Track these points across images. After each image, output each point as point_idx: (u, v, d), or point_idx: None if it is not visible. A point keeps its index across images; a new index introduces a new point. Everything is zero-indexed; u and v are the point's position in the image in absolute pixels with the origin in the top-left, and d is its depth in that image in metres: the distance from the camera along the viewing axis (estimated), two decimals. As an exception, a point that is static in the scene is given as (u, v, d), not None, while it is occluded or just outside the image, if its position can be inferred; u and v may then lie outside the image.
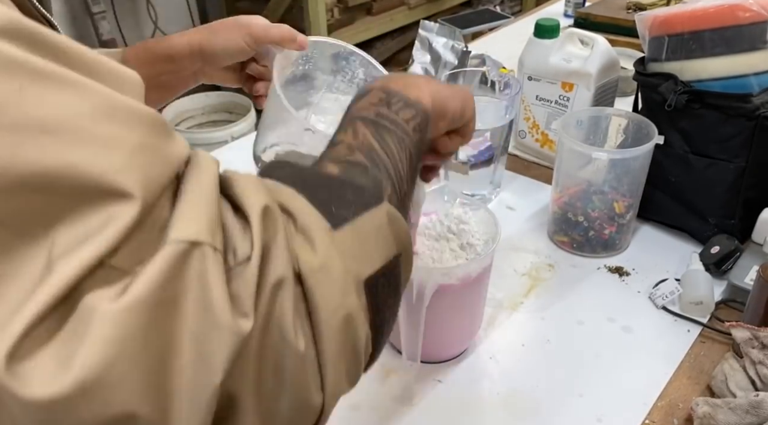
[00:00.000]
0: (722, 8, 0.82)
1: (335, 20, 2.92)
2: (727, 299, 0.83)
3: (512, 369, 0.76)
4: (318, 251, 0.35)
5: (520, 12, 3.37)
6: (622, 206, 0.90)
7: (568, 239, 0.94)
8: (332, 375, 0.35)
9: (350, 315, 0.35)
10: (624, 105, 1.04)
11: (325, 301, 0.34)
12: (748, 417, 0.63)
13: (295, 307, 0.33)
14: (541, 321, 0.83)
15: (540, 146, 1.13)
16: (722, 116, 0.84)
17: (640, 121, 0.90)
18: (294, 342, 0.32)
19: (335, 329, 0.34)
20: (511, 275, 0.90)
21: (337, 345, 0.34)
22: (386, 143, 0.45)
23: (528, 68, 1.08)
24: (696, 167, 0.88)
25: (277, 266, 0.32)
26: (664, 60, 0.87)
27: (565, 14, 1.73)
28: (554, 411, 0.71)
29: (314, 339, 0.34)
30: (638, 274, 0.89)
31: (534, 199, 1.05)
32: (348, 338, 0.35)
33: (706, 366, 0.75)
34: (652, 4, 1.58)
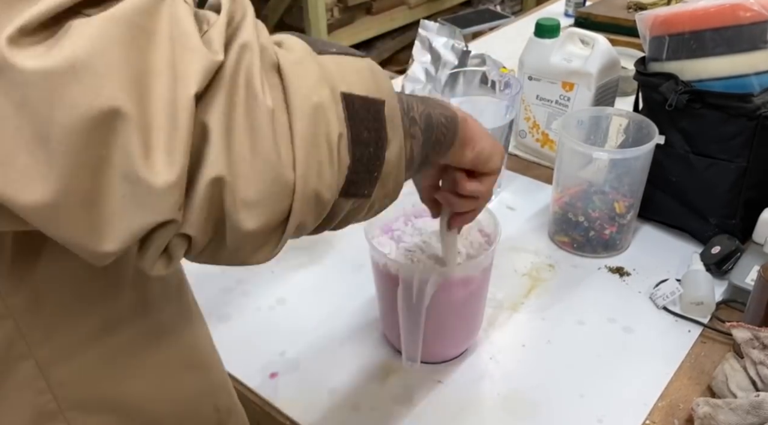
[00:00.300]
0: (723, 8, 0.82)
1: (335, 20, 2.92)
2: (728, 299, 0.83)
3: (513, 369, 0.76)
4: (296, 54, 0.38)
5: (521, 11, 3.37)
6: (622, 206, 0.90)
7: (568, 240, 0.94)
8: (304, 155, 0.36)
9: (322, 105, 0.37)
10: (625, 105, 1.04)
11: (299, 86, 0.37)
12: (749, 417, 0.62)
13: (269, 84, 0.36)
14: (542, 322, 0.83)
15: (540, 146, 1.13)
16: (723, 116, 0.83)
17: (641, 121, 0.90)
18: (260, 96, 0.35)
19: (308, 111, 0.37)
20: (511, 275, 0.90)
21: (309, 127, 0.37)
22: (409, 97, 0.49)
23: (528, 68, 1.08)
24: (697, 167, 0.88)
25: (245, 34, 0.36)
26: (665, 60, 0.87)
27: (566, 14, 1.73)
28: (555, 412, 0.71)
29: (288, 116, 0.36)
30: (639, 274, 0.89)
31: (534, 199, 1.05)
32: (320, 126, 0.37)
33: (706, 367, 0.75)
34: (653, 4, 1.57)
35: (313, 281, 0.91)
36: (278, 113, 0.36)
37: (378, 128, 0.42)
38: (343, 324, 0.83)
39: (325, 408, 0.72)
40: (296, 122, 0.36)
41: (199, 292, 0.88)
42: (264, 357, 0.78)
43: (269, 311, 0.86)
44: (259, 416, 0.74)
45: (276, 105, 0.36)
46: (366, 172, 0.41)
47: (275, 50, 0.38)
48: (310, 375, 0.76)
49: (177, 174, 0.32)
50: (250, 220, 0.36)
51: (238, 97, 0.34)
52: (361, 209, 0.44)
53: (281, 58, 0.37)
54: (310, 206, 0.38)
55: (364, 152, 0.41)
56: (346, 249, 0.96)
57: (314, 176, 0.37)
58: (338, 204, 0.41)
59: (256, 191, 0.35)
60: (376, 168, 0.42)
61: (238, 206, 0.35)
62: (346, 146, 0.39)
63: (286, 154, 0.36)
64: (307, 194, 0.37)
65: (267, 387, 0.75)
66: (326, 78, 0.39)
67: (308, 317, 0.84)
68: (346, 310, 0.85)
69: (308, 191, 0.37)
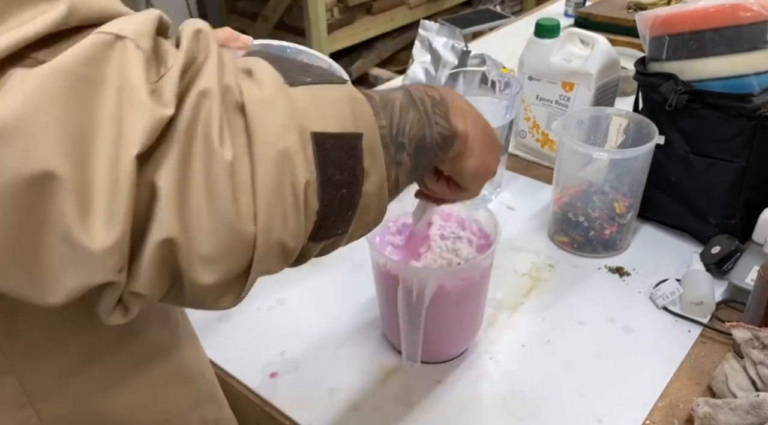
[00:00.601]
0: (723, 8, 0.82)
1: (335, 20, 2.92)
2: (728, 299, 0.83)
3: (512, 369, 0.76)
4: (264, 91, 0.36)
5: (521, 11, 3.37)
6: (622, 206, 0.90)
7: (568, 239, 0.94)
8: (265, 207, 0.35)
9: (288, 151, 0.35)
10: (624, 105, 1.04)
11: (264, 131, 0.35)
12: (749, 417, 0.62)
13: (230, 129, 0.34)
14: (542, 321, 0.83)
15: (540, 146, 1.13)
16: (723, 116, 0.83)
17: (641, 121, 0.90)
18: (219, 150, 0.33)
19: (271, 159, 0.35)
20: (511, 275, 0.90)
21: (272, 177, 0.35)
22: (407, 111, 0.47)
23: (528, 68, 1.08)
24: (696, 167, 0.88)
25: (206, 80, 0.34)
26: (665, 60, 0.87)
27: (566, 14, 1.73)
28: (554, 412, 0.71)
29: (251, 165, 0.34)
30: (639, 274, 0.89)
31: (534, 199, 1.05)
32: (285, 175, 0.35)
33: (706, 367, 0.75)
34: (653, 4, 1.57)
35: (313, 281, 0.91)
36: (239, 164, 0.34)
37: (353, 166, 0.40)
38: (343, 324, 0.83)
39: (325, 408, 0.72)
40: (259, 171, 0.34)
41: (199, 292, 0.89)
42: (264, 357, 0.78)
43: (269, 312, 0.86)
44: (259, 416, 0.74)
45: (237, 155, 0.34)
46: (338, 214, 0.40)
47: (240, 88, 0.35)
48: (310, 375, 0.76)
49: (116, 238, 0.31)
50: (207, 275, 0.35)
51: (193, 151, 0.33)
52: (338, 243, 0.43)
53: (246, 97, 0.35)
54: (273, 256, 0.37)
55: (335, 195, 0.39)
56: (346, 249, 0.96)
57: (278, 227, 0.36)
58: (307, 248, 0.40)
59: (213, 247, 0.34)
60: (350, 207, 0.41)
61: (194, 262, 0.34)
62: (314, 192, 0.37)
63: (246, 206, 0.34)
64: (269, 245, 0.36)
65: (267, 387, 0.75)
66: (295, 119, 0.36)
67: (308, 317, 0.84)
68: (346, 310, 0.85)
69: (270, 242, 0.36)
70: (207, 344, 0.79)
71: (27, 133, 0.29)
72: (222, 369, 0.77)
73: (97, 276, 0.32)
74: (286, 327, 0.83)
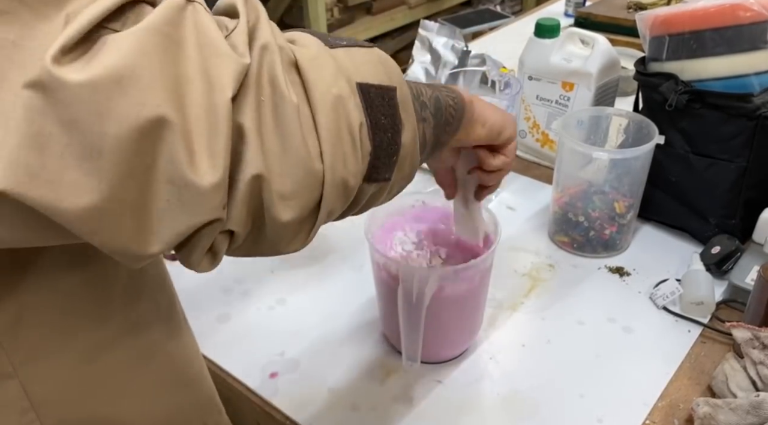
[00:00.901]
0: (723, 8, 0.82)
1: (335, 20, 2.92)
2: (728, 299, 0.83)
3: (512, 369, 0.76)
4: (311, 50, 0.40)
5: (521, 11, 3.37)
6: (622, 206, 0.90)
7: (568, 239, 0.94)
8: (329, 147, 0.38)
9: (341, 97, 0.39)
10: (624, 105, 1.04)
11: (318, 81, 0.38)
12: (749, 417, 0.62)
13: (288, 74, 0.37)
14: (542, 322, 0.83)
15: (540, 146, 1.13)
16: (723, 116, 0.83)
17: (641, 121, 0.90)
18: (286, 91, 0.36)
19: (329, 105, 0.38)
20: (511, 275, 0.90)
21: (332, 120, 0.38)
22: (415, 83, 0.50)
23: (528, 68, 1.08)
24: (697, 167, 0.88)
25: (262, 36, 0.37)
26: (665, 60, 0.87)
27: (566, 14, 1.73)
28: (555, 412, 0.71)
29: (311, 111, 0.38)
30: (639, 274, 0.89)
31: (534, 199, 1.05)
32: (341, 118, 0.39)
33: (706, 367, 0.75)
34: (653, 4, 1.57)
35: (313, 281, 0.91)
36: (302, 108, 0.37)
37: (393, 114, 0.43)
38: (343, 324, 0.83)
39: (325, 408, 0.72)
40: (319, 115, 0.38)
41: (199, 292, 0.89)
42: (264, 357, 0.78)
43: (269, 311, 0.86)
44: (259, 416, 0.74)
45: (300, 101, 0.37)
46: (386, 157, 0.43)
47: (291, 48, 0.39)
48: (310, 375, 0.76)
49: (220, 175, 0.34)
50: (286, 212, 0.37)
51: (264, 97, 0.36)
52: (381, 192, 0.46)
53: (298, 56, 0.39)
54: (339, 194, 0.40)
55: (383, 138, 0.42)
56: (346, 249, 0.96)
57: (341, 165, 0.39)
58: (362, 189, 0.43)
59: (290, 184, 0.37)
60: (394, 152, 0.44)
61: (275, 200, 0.37)
62: (367, 134, 0.41)
63: (314, 146, 0.38)
64: (335, 183, 0.39)
65: (267, 387, 0.75)
66: (342, 71, 0.40)
67: (308, 317, 0.84)
68: (346, 310, 0.85)
69: (336, 179, 0.39)
70: (207, 344, 0.80)
71: (138, 81, 0.31)
72: (222, 369, 0.77)
73: (205, 214, 0.34)
74: (286, 327, 0.83)
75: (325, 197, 0.39)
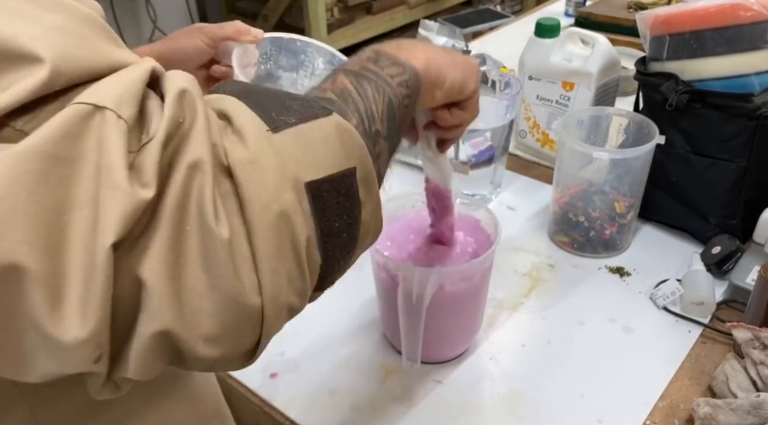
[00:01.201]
0: (723, 8, 0.82)
1: (335, 20, 2.92)
2: (728, 299, 0.83)
3: (512, 369, 0.76)
4: (249, 147, 0.34)
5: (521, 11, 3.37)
6: (623, 206, 0.90)
7: (568, 240, 0.94)
8: (269, 275, 0.33)
9: (285, 212, 0.34)
10: (625, 105, 1.04)
11: (256, 195, 0.33)
12: (749, 417, 0.62)
13: (220, 195, 0.32)
14: (542, 322, 0.82)
15: (540, 146, 1.13)
16: (723, 116, 0.83)
17: (641, 120, 0.90)
18: (215, 228, 0.31)
19: (268, 225, 0.33)
20: (511, 275, 0.90)
21: (272, 243, 0.33)
22: (362, 87, 0.44)
23: (528, 68, 1.08)
24: (697, 167, 0.88)
25: (195, 148, 0.32)
26: (665, 59, 0.87)
27: (566, 13, 1.73)
28: (555, 412, 0.71)
29: (248, 235, 0.33)
30: (639, 274, 0.89)
31: (534, 199, 1.05)
32: (285, 237, 0.34)
33: (707, 367, 0.75)
34: (653, 4, 1.57)
35: (313, 281, 0.90)
36: (236, 238, 0.32)
37: (350, 208, 0.38)
38: (343, 324, 0.83)
39: (325, 408, 0.72)
40: (257, 240, 0.33)
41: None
42: (264, 357, 0.77)
43: (269, 312, 0.85)
44: (259, 416, 0.74)
45: (233, 227, 0.32)
46: (341, 259, 0.39)
47: (225, 147, 0.33)
48: (310, 375, 0.76)
49: (90, 330, 0.29)
50: (212, 351, 0.33)
51: (187, 231, 0.31)
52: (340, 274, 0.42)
53: (231, 159, 0.33)
54: (283, 319, 0.36)
55: (336, 243, 0.37)
56: (346, 249, 0.96)
57: (284, 292, 0.35)
58: (312, 298, 0.40)
59: (218, 327, 0.32)
60: (351, 249, 0.39)
61: (197, 344, 0.32)
62: (316, 247, 0.36)
63: (250, 280, 0.33)
64: (278, 312, 0.35)
65: (267, 387, 0.75)
66: (286, 173, 0.34)
67: (308, 318, 0.83)
68: (346, 310, 0.85)
69: (279, 308, 0.35)
70: (207, 344, 0.79)
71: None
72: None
73: (71, 367, 0.31)
74: (286, 327, 0.82)
75: (266, 329, 0.35)
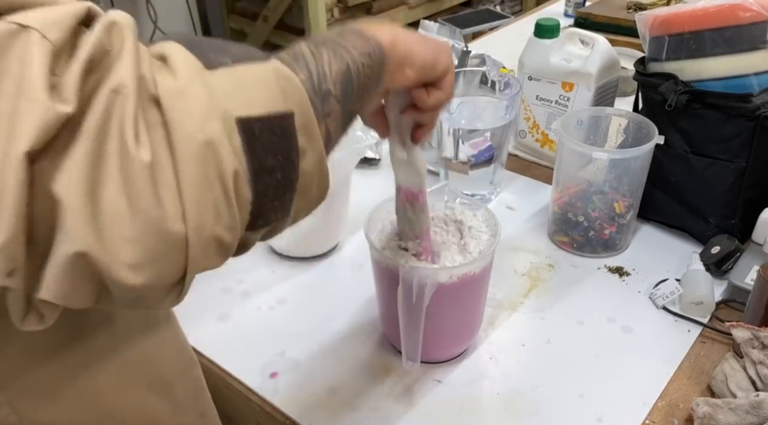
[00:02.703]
0: (723, 8, 0.82)
1: (335, 20, 2.92)
2: (728, 299, 0.83)
3: (512, 369, 0.76)
4: (179, 80, 0.34)
5: (520, 12, 3.37)
6: (622, 206, 0.90)
7: (568, 239, 0.94)
8: (194, 204, 0.33)
9: (211, 142, 0.33)
10: (624, 105, 1.04)
11: (182, 123, 0.33)
12: (749, 417, 0.63)
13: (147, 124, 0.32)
14: (541, 321, 0.83)
15: (540, 146, 1.13)
16: (723, 116, 0.83)
17: (641, 121, 0.90)
18: (135, 151, 0.31)
19: (193, 153, 0.33)
20: (511, 275, 0.90)
21: (197, 171, 0.33)
22: (318, 51, 0.43)
23: (528, 68, 1.08)
24: (696, 167, 0.88)
25: (119, 75, 0.32)
26: (665, 60, 0.87)
27: (566, 14, 1.73)
28: (554, 412, 0.71)
29: (173, 162, 0.32)
30: (638, 274, 0.89)
31: (534, 199, 1.05)
32: (210, 167, 0.33)
33: (706, 366, 0.75)
34: (653, 4, 1.58)
35: (313, 281, 0.91)
36: (159, 162, 0.32)
37: (286, 149, 0.37)
38: (343, 324, 0.83)
39: (325, 408, 0.72)
40: (182, 167, 0.33)
41: (199, 292, 0.88)
42: (264, 357, 0.78)
43: (269, 312, 0.86)
44: (259, 416, 0.74)
45: (156, 152, 0.32)
46: (274, 200, 0.38)
47: (155, 79, 0.33)
48: (310, 375, 0.76)
49: (1, 241, 0.29)
50: (135, 278, 0.32)
51: (107, 152, 0.31)
52: (279, 227, 0.41)
53: (161, 89, 0.33)
54: (211, 252, 0.35)
55: (269, 182, 0.37)
56: (346, 249, 0.96)
57: (210, 223, 0.34)
58: (246, 237, 0.38)
59: (139, 253, 0.32)
60: (287, 190, 0.39)
61: (119, 270, 0.32)
62: (246, 181, 0.35)
63: (173, 206, 0.32)
64: (203, 243, 0.34)
65: (267, 387, 0.75)
66: (215, 105, 0.34)
67: (309, 317, 0.84)
68: (346, 310, 0.85)
69: (204, 239, 0.34)
70: (207, 344, 0.80)
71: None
72: (222, 369, 0.77)
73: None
74: (286, 327, 0.83)
75: (193, 259, 0.34)
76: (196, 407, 0.58)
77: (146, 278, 0.33)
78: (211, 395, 0.61)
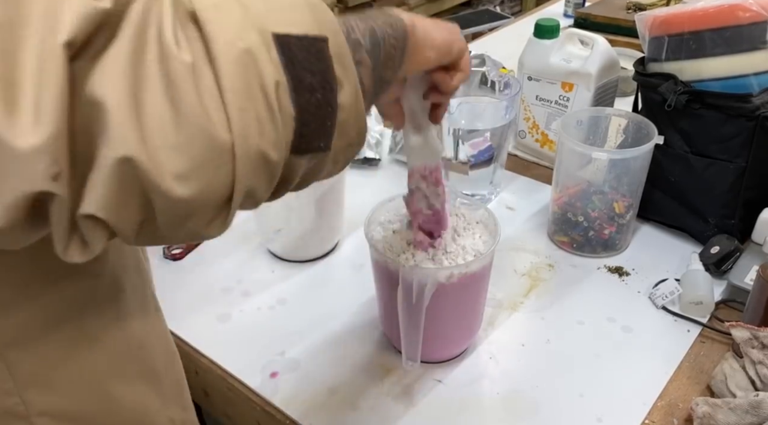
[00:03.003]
0: (722, 8, 0.82)
1: (335, 20, 2.92)
2: (727, 299, 0.83)
3: (512, 369, 0.76)
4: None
5: (520, 12, 3.37)
6: (621, 206, 0.90)
7: (568, 239, 0.94)
8: (238, 113, 0.32)
9: (250, 50, 0.33)
10: (624, 105, 1.04)
11: (220, 33, 0.32)
12: (748, 417, 0.63)
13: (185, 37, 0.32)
14: (541, 321, 0.83)
15: (540, 146, 1.13)
16: (722, 116, 0.84)
17: (640, 121, 0.90)
18: (174, 48, 0.31)
19: (234, 59, 0.32)
20: (511, 275, 0.90)
21: (238, 79, 0.32)
22: (345, 17, 0.43)
23: (528, 68, 1.08)
24: (696, 167, 0.88)
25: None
26: (664, 60, 0.87)
27: (565, 14, 1.74)
28: (554, 411, 0.71)
29: (213, 70, 0.32)
30: (638, 274, 0.89)
31: (534, 199, 1.05)
32: (251, 75, 0.33)
33: (706, 366, 0.75)
34: (652, 4, 1.58)
35: (313, 281, 0.91)
36: (200, 68, 0.31)
37: (324, 70, 0.37)
38: (343, 324, 0.83)
39: (325, 408, 0.72)
40: (222, 73, 0.32)
41: (199, 292, 0.89)
42: (264, 357, 0.78)
43: (269, 311, 0.86)
44: (259, 416, 0.74)
45: (197, 59, 0.31)
46: (318, 121, 0.37)
47: None
48: (310, 375, 0.76)
49: (45, 136, 0.28)
50: (183, 190, 0.31)
51: (148, 55, 0.30)
52: (322, 164, 0.40)
53: (197, 5, 0.33)
54: (257, 169, 0.34)
55: (310, 100, 0.36)
56: (345, 249, 0.96)
57: (254, 133, 0.33)
58: (292, 163, 0.37)
59: (186, 161, 0.31)
60: (328, 116, 0.37)
61: (165, 179, 0.31)
62: (287, 95, 0.35)
63: (217, 113, 0.32)
64: (250, 156, 0.33)
65: (267, 387, 0.75)
66: (252, 19, 0.34)
67: (309, 317, 0.84)
68: (346, 310, 0.85)
69: (250, 151, 0.33)
70: (207, 344, 0.80)
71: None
72: (222, 369, 0.77)
73: (27, 183, 0.29)
74: (286, 327, 0.83)
75: (240, 173, 0.33)
76: (179, 401, 0.58)
77: (193, 190, 0.32)
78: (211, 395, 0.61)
